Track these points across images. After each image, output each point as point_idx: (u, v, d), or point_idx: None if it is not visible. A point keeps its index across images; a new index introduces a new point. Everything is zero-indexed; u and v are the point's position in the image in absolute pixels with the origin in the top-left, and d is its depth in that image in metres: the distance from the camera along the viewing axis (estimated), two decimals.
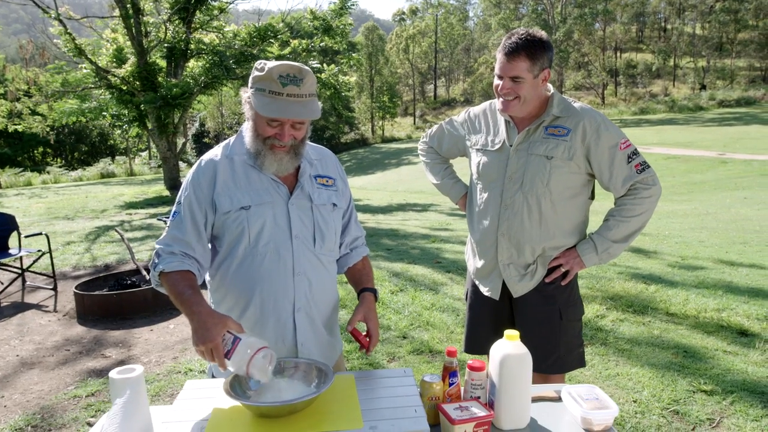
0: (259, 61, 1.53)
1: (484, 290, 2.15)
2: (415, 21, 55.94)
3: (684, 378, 3.21)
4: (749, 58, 44.45)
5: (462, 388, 1.51)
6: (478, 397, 1.48)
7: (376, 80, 44.42)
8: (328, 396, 1.46)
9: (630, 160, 1.94)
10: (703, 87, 42.39)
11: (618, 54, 49.91)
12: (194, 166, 1.66)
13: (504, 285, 2.09)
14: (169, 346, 4.03)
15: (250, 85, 1.53)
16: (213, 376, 1.71)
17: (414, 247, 7.09)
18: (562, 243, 2.04)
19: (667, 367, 3.37)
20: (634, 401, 2.98)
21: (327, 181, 1.70)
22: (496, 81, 1.95)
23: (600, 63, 45.65)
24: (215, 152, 1.66)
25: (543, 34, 1.91)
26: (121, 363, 3.74)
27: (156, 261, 1.58)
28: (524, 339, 2.08)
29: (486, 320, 2.16)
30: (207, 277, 1.73)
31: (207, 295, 1.72)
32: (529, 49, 1.86)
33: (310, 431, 1.31)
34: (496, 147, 2.05)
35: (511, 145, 2.02)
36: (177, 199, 1.65)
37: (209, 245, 1.66)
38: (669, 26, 50.07)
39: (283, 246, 1.59)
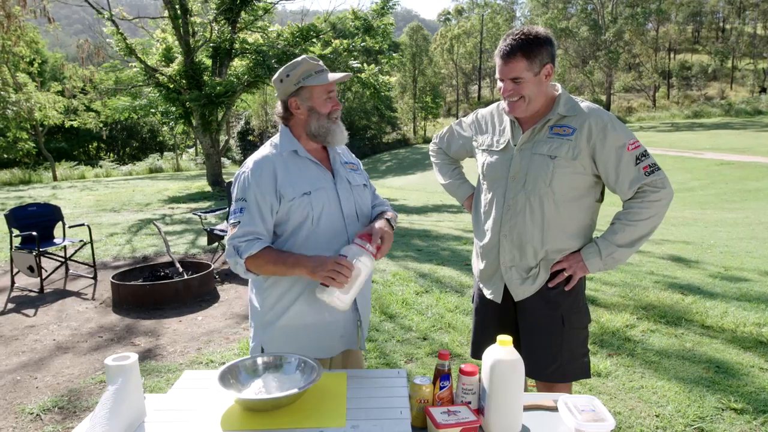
0: (279, 73, 1.81)
1: (487, 293, 2.11)
2: (461, 21, 55.50)
3: (713, 394, 3.06)
4: None
5: (454, 392, 1.49)
6: (469, 402, 1.45)
7: (419, 80, 44.30)
8: (316, 393, 1.46)
9: (638, 161, 1.86)
10: (763, 90, 40.31)
11: (671, 55, 48.07)
12: (249, 166, 1.80)
13: (506, 288, 2.05)
14: (195, 338, 4.13)
15: (292, 82, 1.77)
16: (263, 350, 1.82)
17: (444, 249, 7.03)
18: (566, 246, 1.97)
19: (696, 382, 3.22)
20: (657, 416, 2.85)
21: (353, 166, 1.95)
22: (499, 84, 1.93)
23: (652, 64, 44.08)
24: (266, 150, 1.83)
25: (540, 30, 1.86)
26: (148, 351, 3.87)
27: (238, 252, 1.71)
28: (526, 345, 2.05)
29: (491, 325, 2.12)
30: None
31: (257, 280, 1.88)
32: (525, 48, 1.82)
33: (293, 426, 1.32)
34: (501, 147, 2.03)
35: (515, 145, 1.99)
36: (236, 197, 1.78)
37: (273, 233, 1.82)
38: (728, 26, 47.85)
39: (338, 224, 1.80)
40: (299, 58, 1.78)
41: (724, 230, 8.71)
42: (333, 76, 1.78)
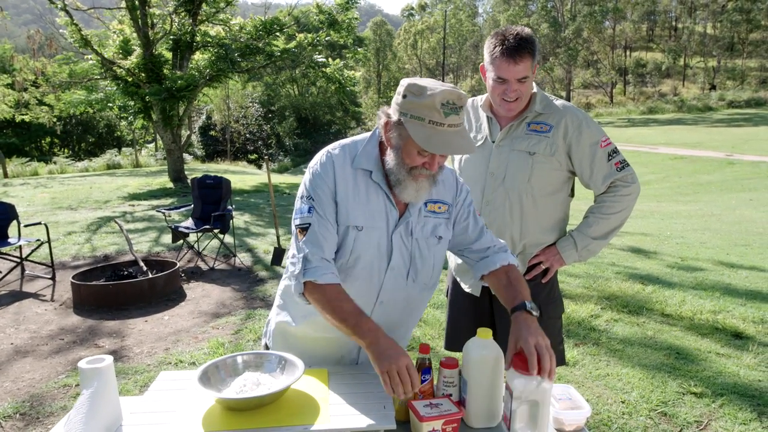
0: (410, 82, 1.37)
1: (465, 287, 2.14)
2: (424, 16, 55.75)
3: (674, 380, 3.19)
4: (761, 58, 43.99)
5: (435, 385, 1.51)
6: (450, 395, 1.47)
7: (383, 75, 44.36)
8: (298, 390, 1.45)
9: (610, 157, 1.95)
10: (713, 87, 42.04)
11: (627, 53, 49.56)
12: (319, 162, 1.51)
13: None
14: (162, 338, 4.04)
15: (401, 108, 1.37)
16: (267, 348, 1.69)
17: None
18: (542, 240, 2.04)
19: (658, 368, 3.35)
20: (623, 402, 2.96)
21: (439, 208, 1.55)
22: (498, 85, 1.88)
23: (609, 61, 45.34)
24: (340, 156, 1.50)
25: (528, 30, 1.90)
26: (114, 353, 3.76)
27: (303, 267, 1.43)
28: (504, 336, 2.09)
29: (466, 317, 2.15)
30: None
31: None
32: (531, 47, 1.85)
33: (276, 424, 1.31)
34: (479, 143, 2.05)
35: (493, 141, 2.01)
36: (304, 194, 1.50)
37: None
38: (680, 25, 49.62)
39: (377, 274, 1.51)
40: (436, 89, 1.31)
41: (679, 222, 9.06)
42: (451, 146, 1.35)
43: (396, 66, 47.26)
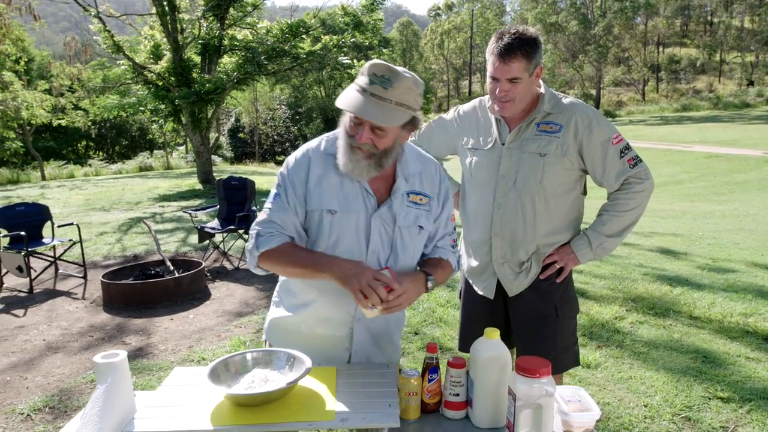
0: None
1: (479, 289, 2.12)
2: (451, 16, 55.50)
3: (700, 384, 3.10)
4: None
5: (442, 385, 1.51)
6: (457, 394, 1.46)
7: None
8: (305, 387, 1.47)
9: (623, 154, 1.92)
10: (751, 83, 40.69)
11: (660, 49, 48.39)
12: (295, 152, 1.61)
13: (499, 284, 2.07)
14: (187, 335, 4.13)
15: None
16: (269, 344, 1.74)
17: None
18: (556, 240, 2.01)
19: (683, 372, 3.26)
20: (645, 406, 2.89)
21: (420, 200, 1.61)
22: (492, 83, 1.89)
23: (641, 58, 44.32)
24: (316, 143, 1.60)
25: (532, 30, 1.86)
26: (140, 350, 3.87)
27: (256, 242, 1.54)
28: (520, 339, 2.08)
29: (480, 319, 2.14)
30: None
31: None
32: (525, 48, 1.80)
33: (282, 420, 1.33)
34: (488, 146, 2.02)
35: (503, 144, 1.98)
36: (277, 181, 1.60)
37: (303, 232, 1.60)
38: (716, 20, 48.17)
39: (357, 257, 1.54)
40: (374, 62, 1.43)
41: (712, 222, 8.80)
42: (358, 108, 1.40)
43: (422, 66, 47.16)
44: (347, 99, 1.43)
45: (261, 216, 1.58)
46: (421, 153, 1.69)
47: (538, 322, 2.03)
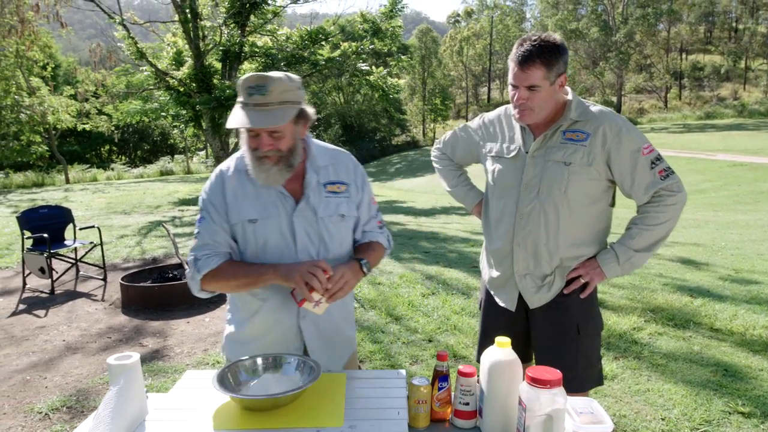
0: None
1: (500, 301, 2.06)
2: (470, 23, 55.45)
3: (720, 398, 3.03)
4: None
5: (452, 393, 1.49)
6: (467, 404, 1.45)
7: (428, 83, 44.30)
8: (315, 393, 1.47)
9: (653, 165, 1.82)
10: None
11: (683, 55, 47.67)
12: (210, 178, 1.69)
13: (520, 296, 2.01)
14: (202, 339, 4.16)
15: None
16: (228, 360, 1.76)
17: (452, 251, 7.02)
18: (581, 253, 1.92)
19: (703, 385, 3.19)
20: (662, 419, 2.83)
21: (338, 188, 1.68)
22: (511, 90, 1.85)
23: (663, 65, 43.73)
24: (227, 164, 1.68)
25: (557, 37, 1.80)
26: (156, 352, 3.91)
27: (195, 267, 1.61)
28: (540, 354, 2.01)
29: (500, 331, 2.04)
30: None
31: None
32: (544, 55, 1.74)
33: (290, 425, 1.33)
34: (512, 154, 1.96)
35: (527, 152, 1.92)
36: (199, 206, 1.68)
37: (236, 245, 1.67)
38: (740, 26, 47.33)
39: (288, 258, 1.61)
40: (244, 77, 1.52)
41: (735, 232, 8.62)
42: (245, 120, 1.48)
43: (441, 73, 47.10)
44: (235, 118, 1.50)
45: (193, 243, 1.64)
46: (329, 147, 1.75)
47: (559, 337, 1.95)
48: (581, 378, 1.95)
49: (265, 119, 1.48)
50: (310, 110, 1.60)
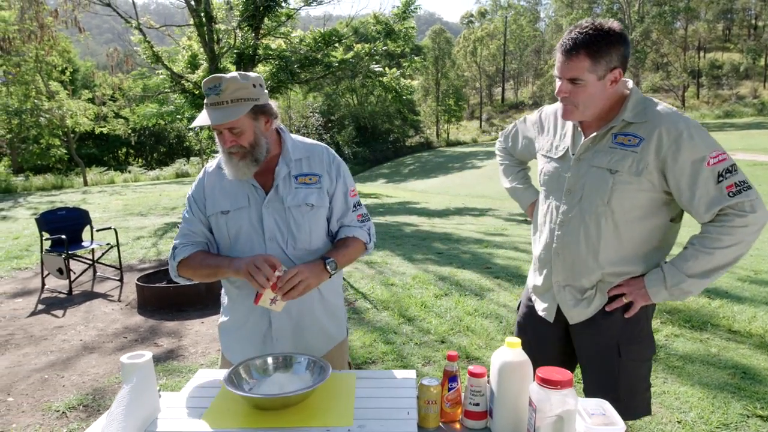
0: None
1: (539, 309, 1.92)
2: (484, 23, 55.27)
3: (738, 400, 2.98)
4: None
5: (462, 394, 1.49)
6: (477, 404, 1.45)
7: (442, 83, 44.20)
8: (325, 392, 1.48)
9: (721, 179, 1.54)
10: None
11: (701, 54, 46.99)
12: (198, 176, 1.84)
13: (559, 309, 1.85)
14: (216, 339, 4.20)
15: None
16: (221, 346, 1.90)
17: (465, 252, 7.00)
18: (626, 270, 1.71)
19: (720, 387, 3.14)
20: (679, 422, 2.79)
21: (309, 179, 1.73)
22: (557, 82, 1.68)
23: (680, 63, 43.14)
24: (212, 162, 1.82)
25: (615, 25, 1.58)
26: (171, 352, 3.95)
27: (173, 254, 1.76)
28: (583, 371, 1.85)
29: (535, 339, 1.91)
30: None
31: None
32: (591, 45, 1.55)
33: (300, 425, 1.34)
34: (559, 154, 1.80)
35: (573, 154, 1.74)
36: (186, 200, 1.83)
37: (212, 236, 1.79)
38: (760, 23, 46.55)
39: (257, 248, 1.68)
40: (208, 77, 1.61)
41: None
42: (202, 119, 1.59)
43: (455, 74, 46.95)
44: (199, 118, 1.60)
45: (178, 232, 1.79)
46: (306, 141, 1.81)
47: (597, 359, 1.78)
48: (624, 404, 1.67)
49: (220, 116, 1.58)
50: (273, 105, 1.68)
